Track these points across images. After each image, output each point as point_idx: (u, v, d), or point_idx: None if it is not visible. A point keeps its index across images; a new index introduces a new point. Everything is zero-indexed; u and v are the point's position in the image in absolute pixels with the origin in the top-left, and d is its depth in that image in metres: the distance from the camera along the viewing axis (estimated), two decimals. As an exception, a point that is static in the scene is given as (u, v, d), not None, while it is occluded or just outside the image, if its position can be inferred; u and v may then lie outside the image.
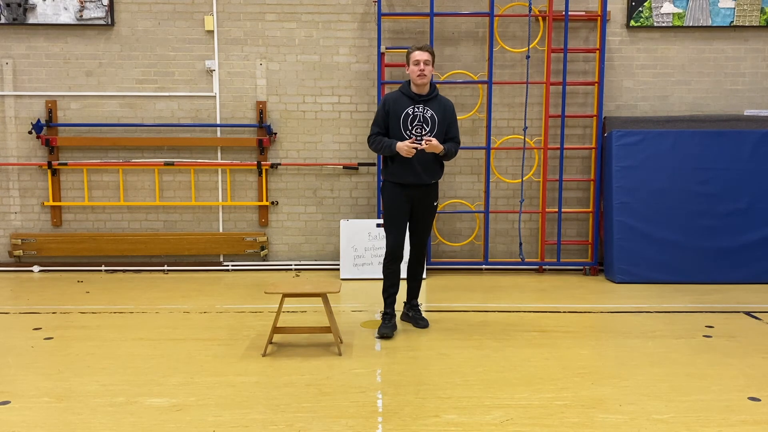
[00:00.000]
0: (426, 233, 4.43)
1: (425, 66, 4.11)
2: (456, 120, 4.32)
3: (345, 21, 6.50)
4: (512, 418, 2.97)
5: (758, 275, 6.00)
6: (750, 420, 2.97)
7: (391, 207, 4.30)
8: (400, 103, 4.20)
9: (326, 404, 3.13)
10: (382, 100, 4.28)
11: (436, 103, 4.22)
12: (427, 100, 4.20)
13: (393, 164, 4.24)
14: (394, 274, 4.36)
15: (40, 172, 6.61)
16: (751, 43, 6.49)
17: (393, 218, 4.30)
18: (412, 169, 4.19)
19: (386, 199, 4.33)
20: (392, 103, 4.22)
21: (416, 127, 4.17)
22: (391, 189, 4.30)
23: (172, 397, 3.22)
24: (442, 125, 4.21)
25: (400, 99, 4.22)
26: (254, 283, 6.07)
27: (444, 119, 4.22)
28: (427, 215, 4.38)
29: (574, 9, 6.36)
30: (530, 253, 6.66)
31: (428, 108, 4.20)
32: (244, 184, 6.67)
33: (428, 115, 4.19)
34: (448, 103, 4.30)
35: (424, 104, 4.19)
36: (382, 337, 4.20)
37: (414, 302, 4.58)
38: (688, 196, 6.05)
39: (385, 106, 4.23)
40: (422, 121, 4.18)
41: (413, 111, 4.18)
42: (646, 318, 4.80)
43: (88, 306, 5.16)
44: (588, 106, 6.55)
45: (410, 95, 4.20)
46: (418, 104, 4.19)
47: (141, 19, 6.47)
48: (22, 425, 2.90)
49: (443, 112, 4.23)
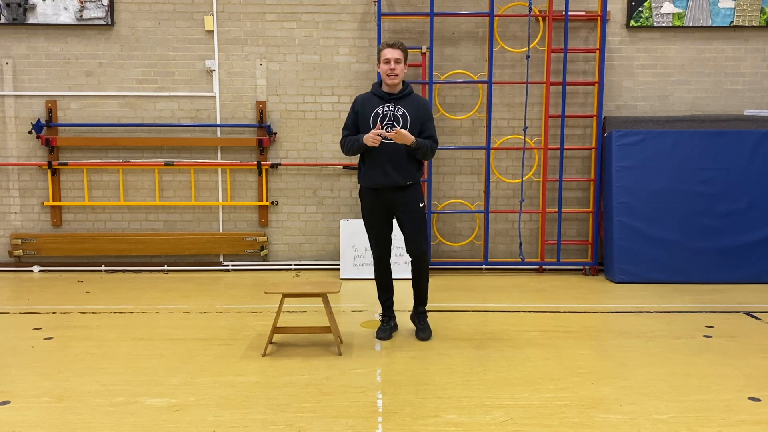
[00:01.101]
0: (418, 239, 4.07)
1: (396, 65, 3.91)
2: (431, 118, 4.09)
3: (345, 21, 6.50)
4: (512, 418, 2.97)
5: (758, 275, 6.00)
6: (750, 420, 2.97)
7: (366, 214, 4.14)
8: (369, 103, 4.02)
9: (326, 404, 3.13)
10: (352, 102, 4.14)
11: (408, 101, 4.01)
12: (399, 99, 4.00)
13: (364, 166, 4.05)
14: (382, 280, 4.25)
15: (40, 172, 6.61)
16: (751, 43, 6.49)
17: (370, 225, 4.13)
18: (382, 170, 3.97)
19: (362, 207, 4.16)
20: (361, 104, 4.05)
21: (387, 126, 3.96)
22: (365, 194, 4.11)
23: (172, 397, 3.22)
24: (415, 124, 3.97)
25: (370, 99, 4.04)
26: (254, 283, 6.07)
27: (417, 117, 3.99)
28: (412, 220, 4.06)
29: (574, 9, 6.36)
30: (530, 253, 6.66)
31: (399, 106, 3.98)
32: (244, 184, 6.67)
33: (399, 113, 3.97)
34: (421, 101, 4.07)
35: (395, 102, 3.99)
36: (380, 339, 4.19)
37: (419, 308, 4.29)
38: (688, 196, 6.05)
39: (354, 107, 4.07)
40: (393, 120, 3.96)
41: (383, 110, 3.98)
42: (646, 318, 4.80)
43: (88, 306, 5.16)
44: (588, 106, 6.55)
45: (380, 94, 4.01)
46: (388, 103, 3.99)
47: (141, 19, 6.47)
48: (22, 425, 2.90)
49: (416, 111, 3.99)
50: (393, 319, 4.34)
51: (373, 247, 4.17)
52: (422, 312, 4.29)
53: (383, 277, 4.26)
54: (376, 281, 4.30)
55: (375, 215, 4.10)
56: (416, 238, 4.07)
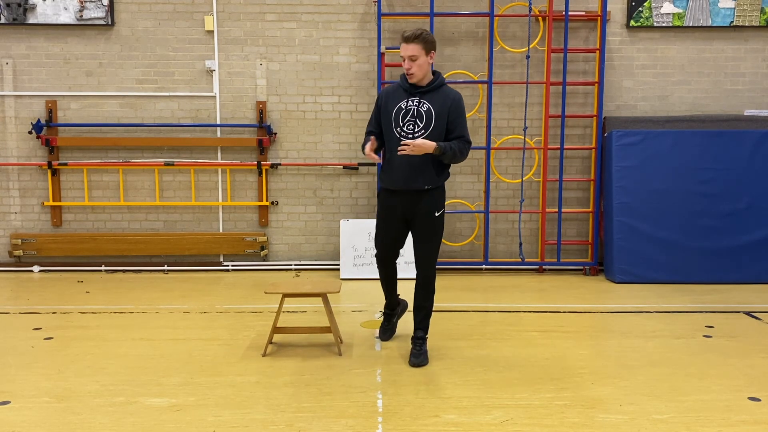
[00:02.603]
0: (427, 251, 3.70)
1: (411, 62, 3.52)
2: (462, 115, 3.65)
3: (345, 21, 6.50)
4: (512, 418, 2.97)
5: (758, 275, 6.00)
6: (750, 420, 2.97)
7: (379, 215, 3.86)
8: (394, 97, 3.68)
9: (326, 404, 3.13)
10: (378, 95, 3.84)
11: (436, 95, 3.62)
12: (425, 92, 3.62)
13: (387, 166, 3.74)
14: (386, 277, 4.01)
15: (40, 172, 6.61)
16: (751, 43, 6.49)
17: (379, 228, 3.87)
18: (400, 173, 3.63)
19: (378, 204, 3.89)
20: (386, 97, 3.72)
21: (408, 123, 3.60)
22: (382, 195, 3.83)
23: (172, 397, 3.22)
24: (440, 120, 3.58)
25: (396, 92, 3.69)
26: (254, 283, 6.07)
27: (443, 114, 3.59)
28: (424, 228, 3.69)
29: (574, 9, 6.36)
30: (530, 253, 6.66)
31: (425, 101, 3.60)
32: (244, 184, 6.67)
33: (424, 109, 3.59)
34: (453, 95, 3.64)
35: (421, 97, 3.62)
36: (380, 339, 4.15)
37: (418, 333, 3.80)
38: (688, 196, 6.05)
39: (379, 101, 3.75)
40: (415, 116, 3.60)
41: (407, 105, 3.62)
42: (646, 318, 4.80)
43: (88, 306, 5.16)
44: (588, 106, 6.55)
45: (405, 87, 3.65)
46: (413, 97, 3.62)
47: (141, 19, 6.47)
48: (22, 425, 2.90)
49: (444, 106, 3.59)
50: (394, 318, 4.22)
51: (378, 246, 3.91)
52: (420, 337, 3.80)
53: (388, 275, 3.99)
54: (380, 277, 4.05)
55: (389, 218, 3.80)
56: (425, 251, 3.71)
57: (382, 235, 3.88)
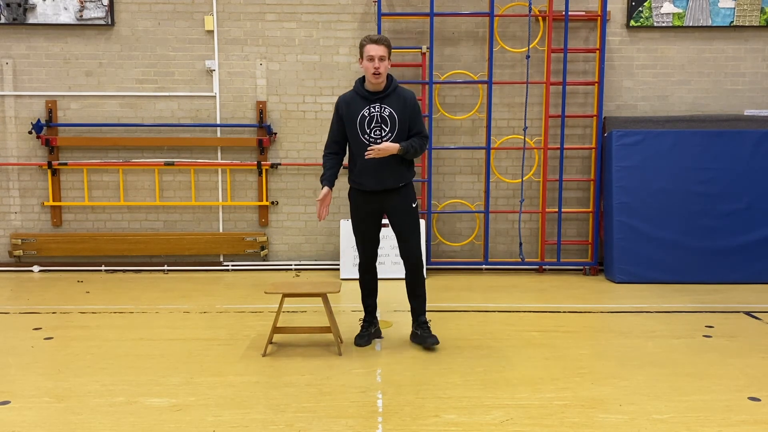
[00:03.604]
0: (412, 240, 3.93)
1: (380, 62, 3.67)
2: (419, 112, 3.87)
3: (345, 21, 6.50)
4: (512, 418, 2.97)
5: (758, 275, 6.00)
6: (750, 420, 2.97)
7: (355, 217, 3.98)
8: (354, 105, 3.81)
9: (326, 404, 3.13)
10: (335, 105, 3.92)
11: (394, 98, 3.79)
12: (384, 97, 3.78)
13: (355, 169, 3.89)
14: (368, 283, 4.09)
15: (40, 172, 6.61)
16: (751, 43, 6.49)
17: (358, 229, 3.98)
18: (373, 175, 3.81)
19: (351, 210, 4.00)
20: (345, 105, 3.83)
21: (374, 129, 3.78)
22: (355, 196, 3.97)
23: (172, 397, 3.22)
24: (403, 123, 3.78)
25: (354, 100, 3.82)
26: (254, 283, 6.07)
27: (404, 115, 3.78)
28: (405, 221, 3.92)
29: (574, 9, 6.36)
30: (530, 253, 6.66)
31: (386, 106, 3.77)
32: (244, 184, 6.67)
33: (386, 113, 3.76)
34: (408, 96, 3.83)
35: (381, 102, 3.77)
36: (357, 345, 4.04)
37: (421, 319, 4.04)
38: (688, 196, 6.05)
39: (339, 111, 3.86)
40: (380, 122, 3.77)
41: (369, 112, 3.77)
42: (646, 318, 4.80)
43: (88, 306, 5.16)
44: (588, 106, 6.55)
45: (363, 94, 3.80)
46: (374, 103, 3.77)
47: (141, 19, 6.47)
48: (22, 425, 2.90)
49: (403, 108, 3.78)
50: (374, 326, 4.19)
51: (361, 250, 4.01)
52: (424, 321, 4.04)
53: (370, 280, 4.10)
54: (361, 285, 4.12)
55: (365, 217, 3.95)
56: (411, 241, 3.93)
57: (363, 237, 4.00)
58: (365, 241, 4.00)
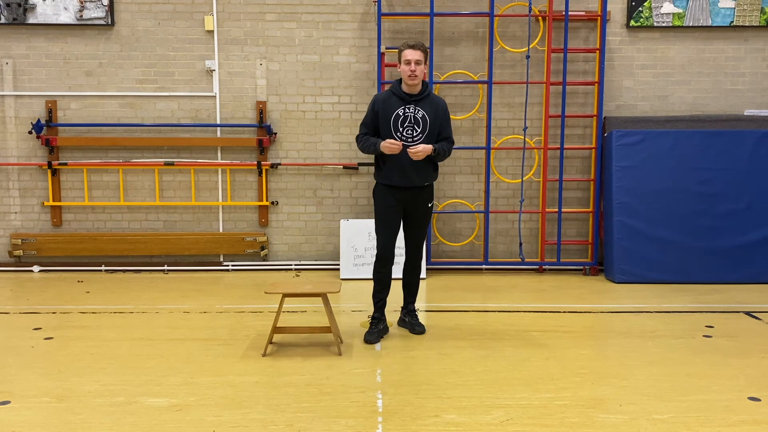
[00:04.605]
0: (421, 237, 4.31)
1: (416, 66, 3.94)
2: (449, 119, 4.20)
3: (345, 21, 6.50)
4: (512, 418, 2.97)
5: (758, 275, 6.00)
6: (750, 420, 2.97)
7: (382, 209, 4.17)
8: (390, 104, 4.05)
9: (326, 404, 3.13)
10: (371, 100, 4.16)
11: (427, 102, 4.07)
12: (419, 100, 4.05)
13: (384, 166, 4.12)
14: (384, 277, 4.22)
15: (40, 172, 6.61)
16: (751, 43, 6.49)
17: (384, 221, 4.16)
18: (402, 172, 4.06)
19: (377, 202, 4.19)
20: (381, 103, 4.07)
21: (407, 128, 4.04)
22: (382, 191, 4.17)
23: (172, 397, 3.22)
24: (434, 126, 4.07)
25: (390, 99, 4.06)
26: (254, 283, 6.07)
27: (436, 119, 4.07)
28: (421, 218, 4.25)
29: (574, 9, 6.36)
30: (530, 253, 6.66)
31: (419, 108, 4.04)
32: (244, 184, 6.67)
33: (419, 115, 4.04)
34: (440, 102, 4.15)
35: (416, 104, 4.04)
36: (367, 342, 4.11)
37: (411, 307, 4.43)
38: (688, 196, 6.05)
39: (375, 107, 4.09)
40: (413, 122, 4.03)
41: (404, 112, 4.04)
42: (646, 318, 4.80)
43: (88, 306, 5.16)
44: (588, 106, 6.55)
45: (400, 95, 4.04)
46: (408, 105, 4.04)
47: (141, 19, 6.47)
48: (22, 425, 2.90)
49: (435, 112, 4.07)
50: (383, 322, 4.27)
51: (384, 244, 4.15)
52: (413, 310, 4.45)
53: (387, 275, 4.23)
54: (375, 279, 4.23)
55: (389, 211, 4.15)
56: (420, 235, 4.31)
57: (386, 233, 4.18)
58: (388, 227, 4.18)
